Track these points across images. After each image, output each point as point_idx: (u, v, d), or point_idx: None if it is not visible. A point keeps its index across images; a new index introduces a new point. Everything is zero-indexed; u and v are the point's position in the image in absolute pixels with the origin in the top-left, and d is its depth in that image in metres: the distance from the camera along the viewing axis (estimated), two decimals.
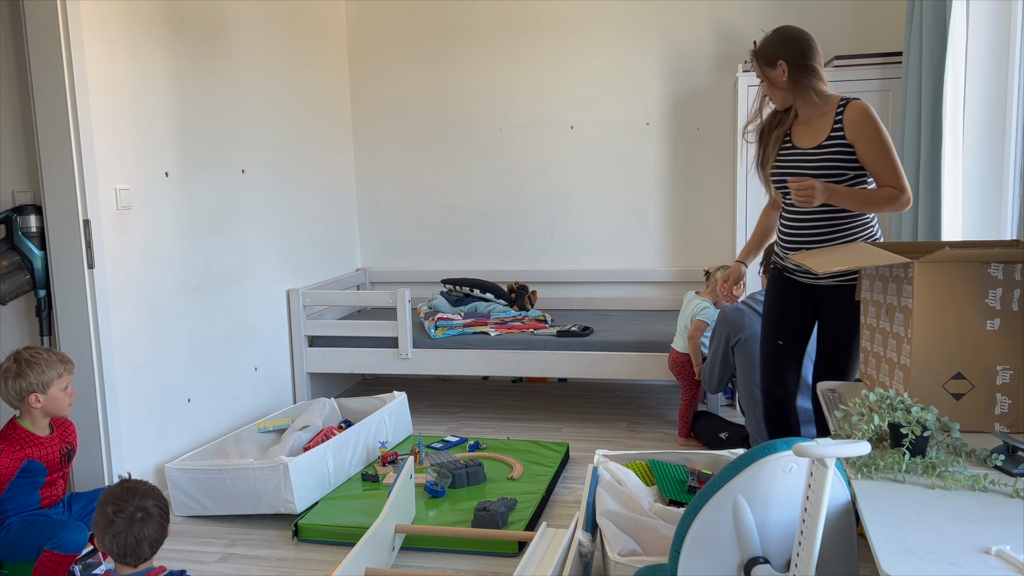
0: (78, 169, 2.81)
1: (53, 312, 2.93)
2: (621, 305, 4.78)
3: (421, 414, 4.33)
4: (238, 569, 2.70)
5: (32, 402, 2.46)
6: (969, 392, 1.77)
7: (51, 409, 2.51)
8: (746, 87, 4.09)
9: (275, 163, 4.10)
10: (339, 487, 3.23)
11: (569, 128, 4.77)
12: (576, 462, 3.57)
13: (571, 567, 2.25)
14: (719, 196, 4.64)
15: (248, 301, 3.85)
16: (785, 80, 2.50)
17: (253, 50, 3.89)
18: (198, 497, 3.07)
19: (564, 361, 4.02)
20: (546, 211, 4.86)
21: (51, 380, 2.48)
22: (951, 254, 1.75)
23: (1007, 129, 3.00)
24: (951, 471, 1.51)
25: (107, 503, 1.83)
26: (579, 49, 4.69)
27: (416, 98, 4.94)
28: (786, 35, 2.51)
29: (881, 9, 4.30)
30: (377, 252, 5.14)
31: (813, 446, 1.34)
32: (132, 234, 3.07)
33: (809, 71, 2.48)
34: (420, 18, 4.86)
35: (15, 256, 2.88)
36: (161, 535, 1.86)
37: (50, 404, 2.49)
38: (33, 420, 2.50)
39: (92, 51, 2.86)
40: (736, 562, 1.58)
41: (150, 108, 3.17)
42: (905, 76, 3.59)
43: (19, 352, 2.49)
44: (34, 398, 2.46)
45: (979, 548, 1.23)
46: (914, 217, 3.52)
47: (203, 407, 3.49)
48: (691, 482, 2.74)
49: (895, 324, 1.89)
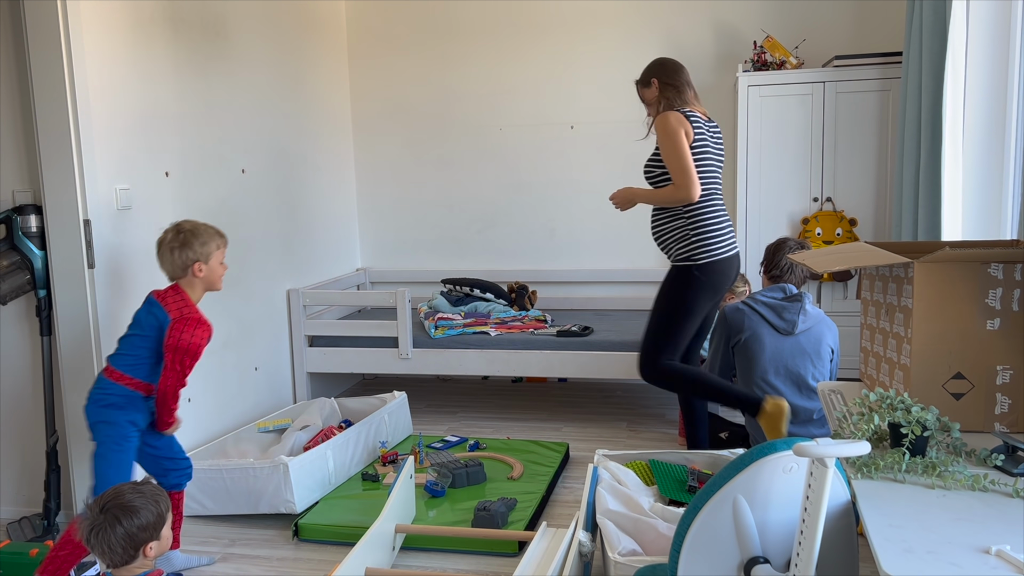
0: (78, 169, 2.81)
1: (53, 312, 2.93)
2: (621, 305, 4.78)
3: (421, 414, 4.33)
4: (238, 569, 2.70)
5: (196, 271, 2.52)
6: (969, 392, 1.77)
7: (210, 280, 2.58)
8: (746, 87, 4.09)
9: (275, 163, 4.10)
10: (339, 487, 3.23)
11: (569, 128, 4.77)
12: (576, 462, 3.56)
13: (571, 567, 2.25)
14: None
15: (248, 301, 3.85)
16: (655, 96, 3.07)
17: (253, 50, 3.89)
18: (198, 497, 3.07)
19: (564, 361, 4.02)
20: (546, 211, 4.86)
21: (211, 251, 2.55)
22: (951, 254, 1.75)
23: (1007, 129, 3.00)
24: (951, 471, 1.51)
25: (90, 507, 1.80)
26: (579, 49, 4.69)
27: (416, 98, 4.94)
28: (658, 60, 3.11)
29: (881, 9, 4.30)
30: (377, 252, 5.14)
31: (813, 446, 1.34)
32: (132, 234, 3.07)
33: (672, 88, 3.03)
34: (420, 18, 4.86)
35: (15, 256, 2.88)
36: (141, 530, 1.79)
37: (210, 274, 2.56)
38: (193, 290, 2.55)
39: (92, 51, 2.86)
40: (736, 562, 1.58)
41: (150, 108, 3.17)
42: (905, 76, 3.59)
43: (179, 224, 2.56)
44: (197, 267, 2.51)
45: (979, 548, 1.23)
46: (914, 217, 3.52)
47: (203, 407, 3.49)
48: (691, 482, 2.74)
49: (895, 324, 1.89)
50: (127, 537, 1.77)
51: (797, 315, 3.03)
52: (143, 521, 1.79)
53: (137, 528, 1.78)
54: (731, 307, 3.16)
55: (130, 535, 1.78)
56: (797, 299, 3.06)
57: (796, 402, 3.01)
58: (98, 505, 1.80)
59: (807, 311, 3.05)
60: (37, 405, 3.07)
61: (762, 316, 3.06)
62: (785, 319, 3.03)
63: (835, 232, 4.05)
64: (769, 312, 3.05)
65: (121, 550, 1.78)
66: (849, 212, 4.08)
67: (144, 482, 1.88)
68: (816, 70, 4.06)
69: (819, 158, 4.09)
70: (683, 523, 1.61)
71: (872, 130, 4.02)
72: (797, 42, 4.36)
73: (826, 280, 4.12)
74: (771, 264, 3.18)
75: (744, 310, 3.10)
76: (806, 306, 3.06)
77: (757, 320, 3.06)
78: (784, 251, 3.13)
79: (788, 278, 3.14)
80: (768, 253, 3.22)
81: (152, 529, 1.81)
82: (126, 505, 1.79)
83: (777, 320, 3.03)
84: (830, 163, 4.08)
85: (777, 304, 3.06)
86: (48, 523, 2.98)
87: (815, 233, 4.05)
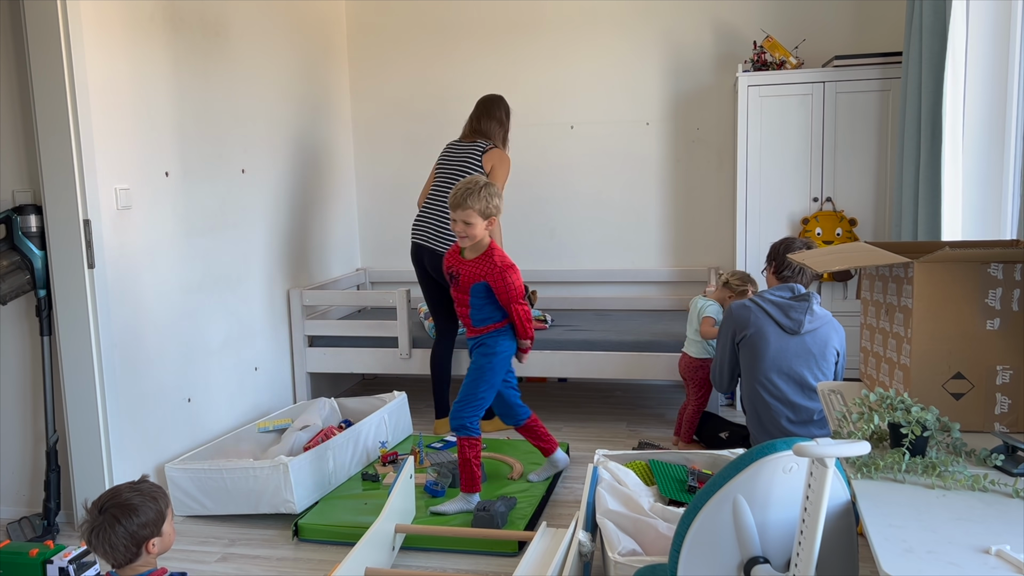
0: (78, 169, 2.81)
1: (53, 312, 2.93)
2: (621, 305, 4.78)
3: (421, 414, 4.33)
4: (238, 569, 2.70)
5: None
6: (969, 392, 1.77)
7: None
8: (746, 87, 4.09)
9: (275, 163, 4.10)
10: (339, 487, 3.23)
11: (569, 128, 4.77)
12: (576, 462, 3.56)
13: (571, 567, 2.25)
14: (719, 196, 4.64)
15: (248, 301, 3.85)
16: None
17: (253, 50, 3.89)
18: (198, 497, 3.07)
19: (564, 361, 4.02)
20: (546, 211, 4.86)
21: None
22: (951, 254, 1.75)
23: (1007, 129, 3.00)
24: (951, 471, 1.51)
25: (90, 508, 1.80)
26: (579, 49, 4.69)
27: (416, 98, 4.94)
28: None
29: (881, 9, 4.30)
30: (377, 252, 5.14)
31: (813, 446, 1.34)
32: (132, 234, 3.07)
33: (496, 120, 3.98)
34: (420, 18, 4.86)
35: (15, 256, 2.88)
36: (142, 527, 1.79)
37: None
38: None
39: (92, 51, 2.86)
40: (736, 562, 1.58)
41: (150, 108, 3.17)
42: (905, 76, 3.59)
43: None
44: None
45: (979, 548, 1.23)
46: (914, 217, 3.52)
47: (203, 407, 3.49)
48: (691, 482, 2.74)
49: (895, 324, 1.89)
50: (128, 535, 1.77)
51: (804, 315, 3.01)
52: (143, 519, 1.79)
53: (138, 526, 1.78)
54: (738, 304, 3.15)
55: (131, 533, 1.77)
56: (805, 299, 3.05)
57: (798, 401, 3.01)
58: (96, 507, 1.80)
59: (814, 311, 3.04)
60: (37, 405, 3.07)
61: (768, 314, 3.04)
62: (792, 318, 3.02)
63: (835, 232, 4.05)
64: (776, 311, 3.04)
65: (124, 548, 1.78)
66: (849, 212, 4.08)
67: (141, 480, 1.88)
68: (816, 70, 4.06)
69: (819, 158, 4.09)
70: (683, 523, 1.61)
71: (872, 130, 4.02)
72: (797, 42, 4.36)
73: (826, 280, 4.12)
74: (781, 263, 3.17)
75: (751, 307, 3.09)
76: (813, 306, 3.04)
77: (763, 318, 3.05)
78: (792, 250, 3.12)
79: (798, 278, 3.13)
80: (777, 253, 3.20)
81: (153, 526, 1.81)
82: (124, 504, 1.79)
83: (784, 319, 3.02)
84: (830, 163, 4.08)
85: (785, 303, 3.05)
86: (48, 523, 2.98)
87: (815, 233, 4.05)
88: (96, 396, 2.91)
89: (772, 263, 3.21)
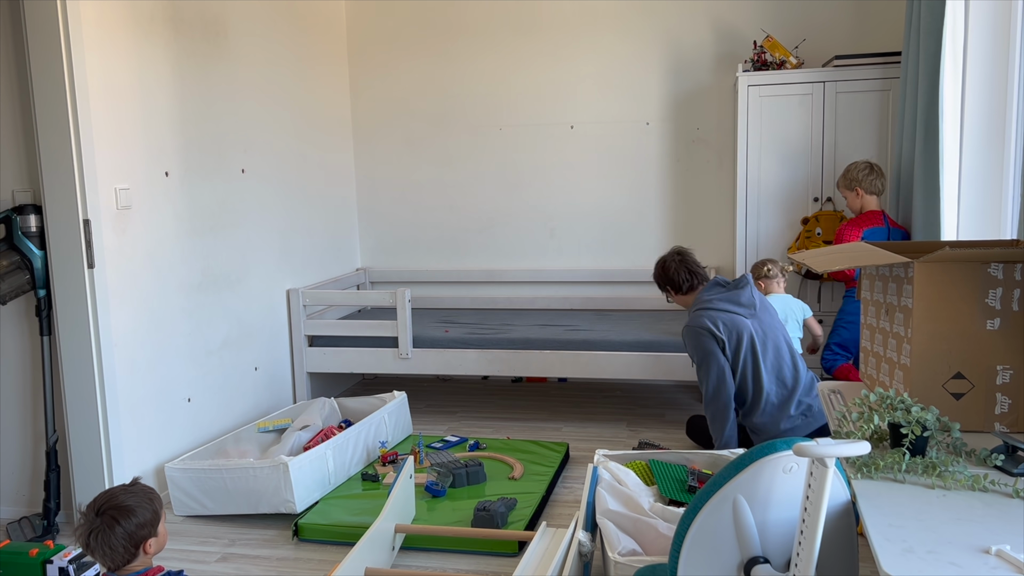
0: (78, 169, 2.81)
1: (53, 312, 2.93)
2: (621, 305, 4.78)
3: (421, 414, 4.33)
4: (238, 569, 2.70)
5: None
6: (969, 392, 1.77)
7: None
8: (746, 87, 4.09)
9: (275, 163, 4.10)
10: (339, 487, 3.23)
11: (569, 128, 4.77)
12: (576, 462, 3.56)
13: (571, 567, 2.25)
14: (719, 196, 4.64)
15: (248, 301, 3.85)
16: None
17: (253, 50, 3.89)
18: (198, 497, 3.07)
19: (564, 361, 4.02)
20: (546, 211, 4.86)
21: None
22: (951, 254, 1.75)
23: (1007, 129, 3.00)
24: (951, 471, 1.51)
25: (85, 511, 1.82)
26: (579, 49, 4.69)
27: (416, 98, 4.94)
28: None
29: (881, 9, 4.31)
30: (377, 252, 5.14)
31: (813, 446, 1.34)
32: (132, 234, 3.07)
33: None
34: (420, 18, 4.86)
35: (15, 256, 2.88)
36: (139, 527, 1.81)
37: None
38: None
39: (92, 51, 2.86)
40: (736, 562, 1.58)
41: (150, 108, 3.17)
42: (904, 76, 3.59)
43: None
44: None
45: (979, 548, 1.23)
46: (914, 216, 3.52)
47: (203, 407, 3.49)
48: (691, 482, 2.74)
49: (895, 324, 1.89)
50: (127, 536, 1.79)
51: (752, 293, 3.12)
52: (140, 519, 1.81)
53: (135, 527, 1.80)
54: (696, 325, 3.08)
55: (129, 534, 1.79)
56: (740, 283, 3.15)
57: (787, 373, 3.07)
58: (93, 509, 1.82)
59: (750, 282, 3.17)
60: (37, 405, 3.07)
61: (728, 311, 3.09)
62: (743, 303, 3.09)
63: (835, 232, 4.04)
64: (729, 304, 3.09)
65: (123, 549, 1.79)
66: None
67: (133, 483, 1.89)
68: (816, 70, 4.06)
69: (819, 158, 4.09)
70: (683, 523, 1.61)
71: (872, 130, 4.02)
72: (797, 42, 4.36)
73: (826, 280, 4.12)
74: (677, 282, 3.25)
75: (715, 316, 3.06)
76: (751, 284, 3.16)
77: (729, 317, 3.07)
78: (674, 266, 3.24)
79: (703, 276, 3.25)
80: (666, 277, 3.28)
81: (150, 526, 1.83)
82: (120, 506, 1.81)
83: (738, 308, 3.08)
84: (830, 163, 4.08)
85: (728, 295, 3.12)
86: (48, 523, 2.98)
87: (815, 233, 4.04)
88: (96, 396, 2.91)
89: (669, 286, 3.28)
